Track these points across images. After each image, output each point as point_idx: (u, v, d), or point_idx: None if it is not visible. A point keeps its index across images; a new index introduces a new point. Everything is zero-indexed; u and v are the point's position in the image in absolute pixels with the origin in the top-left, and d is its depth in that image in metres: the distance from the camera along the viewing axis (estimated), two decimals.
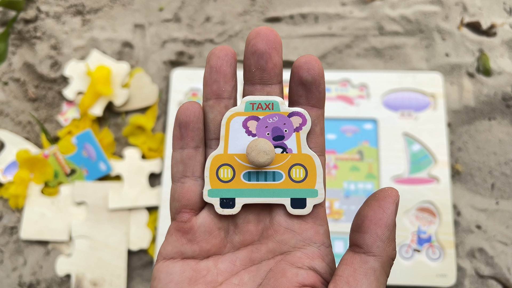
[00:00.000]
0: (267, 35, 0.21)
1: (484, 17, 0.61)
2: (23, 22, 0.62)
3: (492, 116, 0.58)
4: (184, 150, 0.22)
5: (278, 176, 0.22)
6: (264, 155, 0.21)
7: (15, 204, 0.55)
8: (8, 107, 0.60)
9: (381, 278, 0.19)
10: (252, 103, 0.22)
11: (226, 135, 0.22)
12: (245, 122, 0.22)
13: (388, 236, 0.20)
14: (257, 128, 0.22)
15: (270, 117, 0.22)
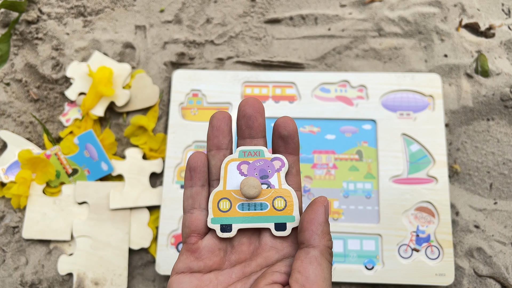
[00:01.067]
0: (253, 103, 0.28)
1: (482, 19, 0.62)
2: (25, 23, 0.62)
3: (490, 117, 0.59)
4: (193, 188, 0.29)
5: (264, 206, 0.29)
6: (253, 189, 0.28)
7: (17, 204, 0.56)
8: (10, 107, 0.60)
9: (323, 263, 0.25)
10: (244, 151, 0.29)
11: (224, 176, 0.29)
12: (238, 166, 0.29)
13: (322, 230, 0.26)
14: (248, 170, 0.29)
15: (258, 161, 0.29)
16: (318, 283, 0.24)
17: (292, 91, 0.58)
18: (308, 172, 0.55)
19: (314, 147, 0.56)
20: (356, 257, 0.52)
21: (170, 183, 0.55)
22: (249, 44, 0.62)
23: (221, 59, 0.62)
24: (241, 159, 0.29)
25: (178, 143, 0.56)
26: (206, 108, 0.58)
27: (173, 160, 0.56)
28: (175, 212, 0.54)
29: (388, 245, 0.52)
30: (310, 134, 0.56)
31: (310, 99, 0.57)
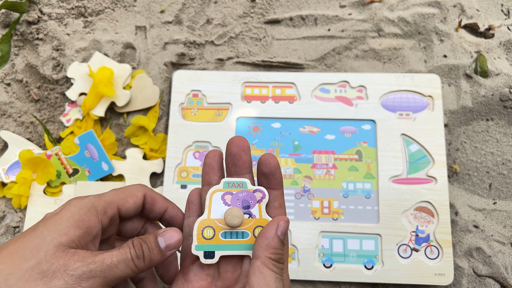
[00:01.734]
0: (238, 142, 0.31)
1: (481, 19, 0.62)
2: (26, 24, 0.62)
3: (490, 117, 0.59)
4: (189, 218, 0.33)
5: (246, 234, 0.31)
6: (236, 219, 0.30)
7: (18, 204, 0.56)
8: (11, 108, 0.61)
9: (264, 271, 0.27)
10: (228, 182, 0.31)
11: (209, 205, 0.31)
12: (223, 196, 0.31)
13: (267, 244, 0.28)
14: (232, 200, 0.31)
15: (241, 192, 0.31)
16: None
17: (292, 91, 0.58)
18: (308, 172, 0.55)
19: (314, 147, 0.56)
20: (356, 257, 0.52)
21: (171, 183, 0.55)
22: (249, 44, 0.62)
23: (221, 59, 0.62)
24: (225, 189, 0.31)
25: (178, 143, 0.56)
26: (206, 108, 0.58)
27: (174, 160, 0.56)
28: None
29: (387, 245, 0.52)
30: (310, 134, 0.56)
31: (310, 100, 0.57)
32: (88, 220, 0.28)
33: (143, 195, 0.32)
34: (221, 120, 0.57)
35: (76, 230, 0.27)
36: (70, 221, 0.27)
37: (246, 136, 0.57)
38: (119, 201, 0.30)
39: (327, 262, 0.52)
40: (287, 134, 0.57)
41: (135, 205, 0.31)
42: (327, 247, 0.53)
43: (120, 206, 0.30)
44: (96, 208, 0.29)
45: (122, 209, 0.30)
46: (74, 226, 0.27)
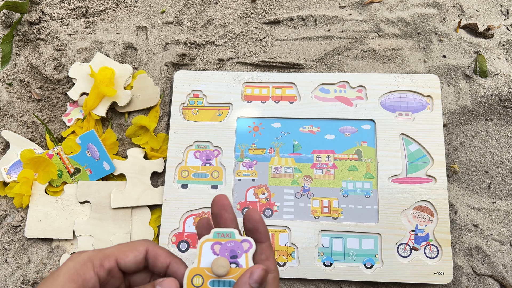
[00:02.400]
0: (218, 201, 0.33)
1: (481, 19, 0.62)
2: (27, 24, 0.63)
3: (489, 117, 0.59)
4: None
5: (232, 283, 0.32)
6: (222, 268, 0.31)
7: (19, 203, 0.56)
8: (12, 107, 0.61)
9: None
10: (218, 232, 0.33)
11: (199, 254, 0.33)
12: (212, 246, 0.33)
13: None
14: (220, 250, 0.33)
15: (229, 242, 0.33)
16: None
17: (292, 91, 0.58)
18: (308, 171, 0.56)
19: (314, 147, 0.56)
20: (356, 256, 0.53)
21: (171, 182, 0.55)
22: (249, 45, 0.63)
23: (221, 59, 0.62)
24: (215, 239, 0.33)
25: (179, 143, 0.57)
26: (207, 108, 0.58)
27: (175, 159, 0.56)
28: (176, 211, 0.54)
29: (387, 244, 0.52)
30: (310, 134, 0.57)
31: (309, 100, 0.58)
32: (83, 273, 0.29)
33: (145, 249, 0.32)
34: (221, 120, 0.58)
35: (72, 284, 0.28)
36: (66, 276, 0.28)
37: (247, 136, 0.57)
38: (118, 254, 0.31)
39: (327, 261, 0.53)
40: (287, 134, 0.57)
41: (135, 259, 0.32)
42: (327, 246, 0.53)
43: (119, 259, 0.31)
44: (93, 261, 0.30)
45: (121, 262, 0.31)
46: (70, 280, 0.28)
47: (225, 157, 0.56)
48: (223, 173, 0.56)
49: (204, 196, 0.55)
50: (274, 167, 0.56)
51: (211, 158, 0.56)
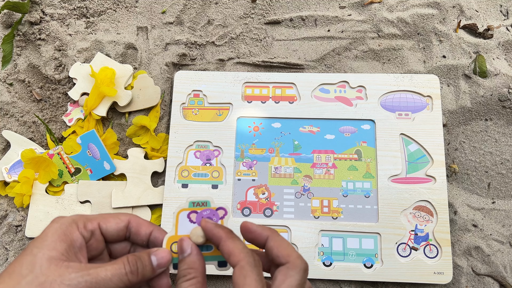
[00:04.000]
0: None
1: (480, 20, 0.62)
2: (28, 24, 0.63)
3: (488, 117, 0.59)
4: None
5: (210, 247, 0.34)
6: (200, 238, 0.33)
7: (20, 202, 0.56)
8: (13, 107, 0.61)
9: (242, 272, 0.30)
10: (193, 202, 0.34)
11: (176, 223, 0.34)
12: (188, 215, 0.34)
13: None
14: (196, 218, 0.34)
15: (205, 211, 0.34)
16: None
17: (292, 91, 0.59)
18: (307, 171, 0.56)
19: (314, 147, 0.56)
20: (355, 255, 0.53)
21: (172, 182, 0.56)
22: (249, 45, 0.63)
23: (222, 60, 0.62)
24: (191, 208, 0.34)
25: (179, 143, 0.57)
26: (207, 108, 0.58)
27: (175, 159, 0.56)
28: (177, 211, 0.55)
29: (387, 243, 0.53)
30: (310, 134, 0.57)
31: (309, 100, 0.58)
32: (70, 233, 0.30)
33: (127, 219, 0.33)
34: (222, 120, 0.58)
35: (62, 244, 0.29)
36: (54, 236, 0.29)
37: (247, 136, 0.57)
38: (101, 219, 0.32)
39: (327, 261, 0.53)
40: (287, 134, 0.57)
41: (117, 225, 0.33)
42: (327, 246, 0.53)
43: (101, 223, 0.32)
44: (77, 222, 0.31)
45: (103, 226, 0.32)
46: (59, 240, 0.29)
47: (225, 157, 0.56)
48: (223, 173, 0.56)
49: (204, 196, 0.55)
50: (274, 167, 0.56)
51: (211, 158, 0.57)
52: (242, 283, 0.29)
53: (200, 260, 0.33)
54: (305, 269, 0.32)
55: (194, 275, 0.33)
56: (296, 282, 0.31)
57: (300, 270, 0.31)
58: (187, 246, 0.33)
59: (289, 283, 0.30)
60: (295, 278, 0.31)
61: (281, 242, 0.33)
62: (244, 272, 0.30)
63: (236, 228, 0.34)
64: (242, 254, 0.31)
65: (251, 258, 0.31)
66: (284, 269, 0.31)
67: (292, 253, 0.32)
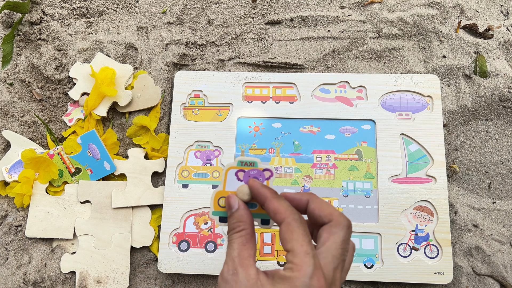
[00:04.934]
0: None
1: (481, 20, 0.62)
2: (28, 24, 0.63)
3: (489, 117, 0.59)
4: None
5: (254, 205, 0.36)
6: (246, 195, 0.35)
7: (20, 203, 0.56)
8: (13, 107, 0.61)
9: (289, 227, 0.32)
10: (241, 161, 0.36)
11: (224, 180, 0.37)
12: (236, 173, 0.36)
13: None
14: (244, 176, 0.36)
15: (252, 171, 0.36)
16: None
17: (293, 91, 0.59)
18: (308, 171, 0.56)
19: (314, 147, 0.56)
20: (356, 255, 0.53)
21: (172, 182, 0.56)
22: (249, 45, 0.63)
23: (222, 60, 0.62)
24: (239, 167, 0.36)
25: (179, 143, 0.57)
26: (208, 108, 0.58)
27: (175, 159, 0.56)
28: (177, 211, 0.55)
29: (387, 244, 0.52)
30: (310, 134, 0.57)
31: (310, 100, 0.58)
32: None
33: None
34: (222, 120, 0.58)
35: None
36: None
37: (247, 136, 0.57)
38: None
39: None
40: (288, 134, 0.57)
41: None
42: None
43: None
44: None
45: None
46: None
47: (226, 157, 0.56)
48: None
49: (204, 196, 0.55)
50: (274, 167, 0.56)
51: (212, 158, 0.57)
52: (290, 238, 0.31)
53: (248, 214, 0.35)
54: (349, 225, 0.32)
55: (244, 227, 0.34)
56: (340, 239, 0.31)
57: (343, 227, 0.32)
58: (234, 202, 0.35)
59: (334, 240, 0.31)
60: (339, 235, 0.31)
61: (321, 203, 0.34)
62: (291, 227, 0.31)
63: None
64: (287, 212, 0.32)
65: (296, 215, 0.32)
66: (328, 227, 0.32)
67: (334, 212, 0.33)
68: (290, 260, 0.30)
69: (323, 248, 0.31)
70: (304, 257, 0.29)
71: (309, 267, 0.29)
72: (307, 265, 0.29)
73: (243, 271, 0.31)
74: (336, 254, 0.31)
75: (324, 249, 0.31)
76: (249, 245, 0.33)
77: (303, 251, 0.30)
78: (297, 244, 0.30)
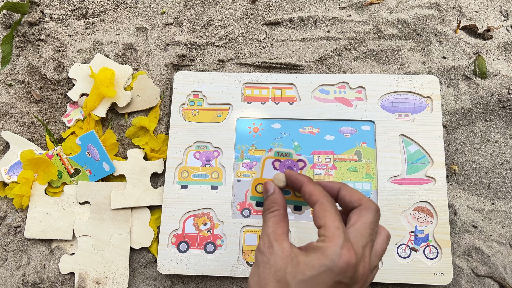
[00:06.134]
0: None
1: (480, 21, 0.62)
2: (27, 25, 0.63)
3: (488, 118, 0.59)
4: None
5: (288, 192, 0.39)
6: (281, 182, 0.39)
7: (19, 204, 0.56)
8: (12, 108, 0.61)
9: (323, 209, 0.36)
10: (278, 152, 0.41)
11: (262, 168, 0.42)
12: (273, 162, 0.41)
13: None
14: (279, 166, 0.40)
15: (287, 161, 0.41)
16: None
17: (292, 92, 0.58)
18: (307, 172, 0.56)
19: (314, 147, 0.56)
20: None
21: (171, 183, 0.55)
22: (249, 46, 0.63)
23: (221, 60, 0.62)
24: (275, 157, 0.42)
25: (179, 144, 0.57)
26: (207, 109, 0.58)
27: (174, 160, 0.56)
28: (176, 212, 0.54)
29: None
30: (310, 135, 0.57)
31: (309, 100, 0.58)
32: None
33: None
34: (221, 121, 0.58)
35: None
36: None
37: (246, 137, 0.57)
38: None
39: None
40: (287, 135, 0.57)
41: None
42: None
43: None
44: None
45: None
46: None
47: (225, 157, 0.56)
48: (223, 174, 0.56)
49: (204, 197, 0.55)
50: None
51: (211, 159, 0.57)
52: (323, 215, 0.34)
53: (282, 198, 0.39)
54: (377, 209, 0.35)
55: (277, 208, 0.38)
56: (369, 220, 0.34)
57: (372, 210, 0.35)
58: (270, 187, 0.40)
59: (363, 221, 0.34)
60: (368, 217, 0.34)
61: (352, 190, 0.37)
62: (324, 207, 0.35)
63: (235, 230, 0.35)
64: (322, 194, 0.36)
65: (329, 197, 0.36)
66: (357, 210, 0.35)
67: (364, 197, 0.36)
68: (322, 234, 0.33)
69: (352, 228, 0.34)
70: (336, 231, 0.32)
71: (339, 239, 0.32)
72: (338, 237, 0.32)
73: (278, 244, 0.34)
74: (365, 233, 0.34)
75: (353, 229, 0.34)
76: (282, 223, 0.37)
77: (335, 226, 0.33)
78: (329, 220, 0.33)
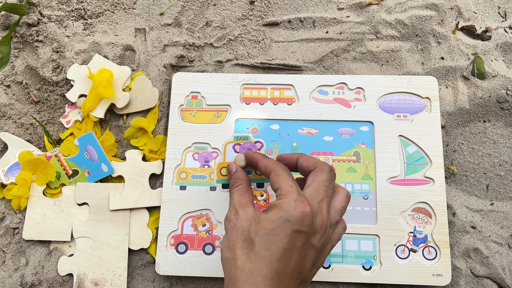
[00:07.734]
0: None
1: (478, 21, 0.63)
2: (26, 26, 0.63)
3: (487, 119, 0.59)
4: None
5: (249, 172, 0.45)
6: (242, 161, 0.46)
7: (17, 205, 0.56)
8: (10, 109, 0.61)
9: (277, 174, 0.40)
10: (237, 136, 0.49)
11: (224, 152, 0.48)
12: (233, 146, 0.47)
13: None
14: (239, 149, 0.47)
15: (246, 143, 0.48)
16: None
17: (291, 93, 0.58)
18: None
19: (312, 148, 0.56)
20: (354, 257, 0.53)
21: (170, 184, 0.55)
22: (247, 46, 0.63)
23: (220, 61, 0.62)
24: (235, 141, 0.48)
25: (177, 145, 0.57)
26: (206, 110, 0.58)
27: (173, 161, 0.56)
28: (175, 213, 0.54)
29: (385, 245, 0.52)
30: (308, 136, 0.57)
31: (308, 101, 0.58)
32: None
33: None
34: (220, 122, 0.58)
35: None
36: None
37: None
38: None
39: (325, 263, 0.53)
40: (286, 136, 0.57)
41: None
42: None
43: None
44: None
45: None
46: None
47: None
48: None
49: (202, 198, 0.55)
50: None
51: (210, 159, 0.56)
52: (277, 180, 0.38)
53: (244, 174, 0.44)
54: (330, 169, 0.39)
55: (240, 182, 0.42)
56: (323, 179, 0.38)
57: (326, 170, 0.38)
58: (232, 167, 0.45)
59: (318, 180, 0.38)
60: (322, 176, 0.38)
61: (308, 157, 0.41)
62: (277, 173, 0.39)
63: None
64: (274, 163, 0.41)
65: (281, 165, 0.40)
66: (313, 173, 0.39)
67: (318, 161, 0.40)
68: (278, 194, 0.37)
69: (308, 188, 0.37)
70: (289, 188, 0.36)
71: (293, 194, 0.36)
72: (292, 193, 0.36)
73: (242, 210, 0.38)
74: (319, 190, 0.37)
75: (309, 188, 0.37)
76: (247, 194, 0.41)
77: (288, 185, 0.37)
78: (283, 181, 0.37)
